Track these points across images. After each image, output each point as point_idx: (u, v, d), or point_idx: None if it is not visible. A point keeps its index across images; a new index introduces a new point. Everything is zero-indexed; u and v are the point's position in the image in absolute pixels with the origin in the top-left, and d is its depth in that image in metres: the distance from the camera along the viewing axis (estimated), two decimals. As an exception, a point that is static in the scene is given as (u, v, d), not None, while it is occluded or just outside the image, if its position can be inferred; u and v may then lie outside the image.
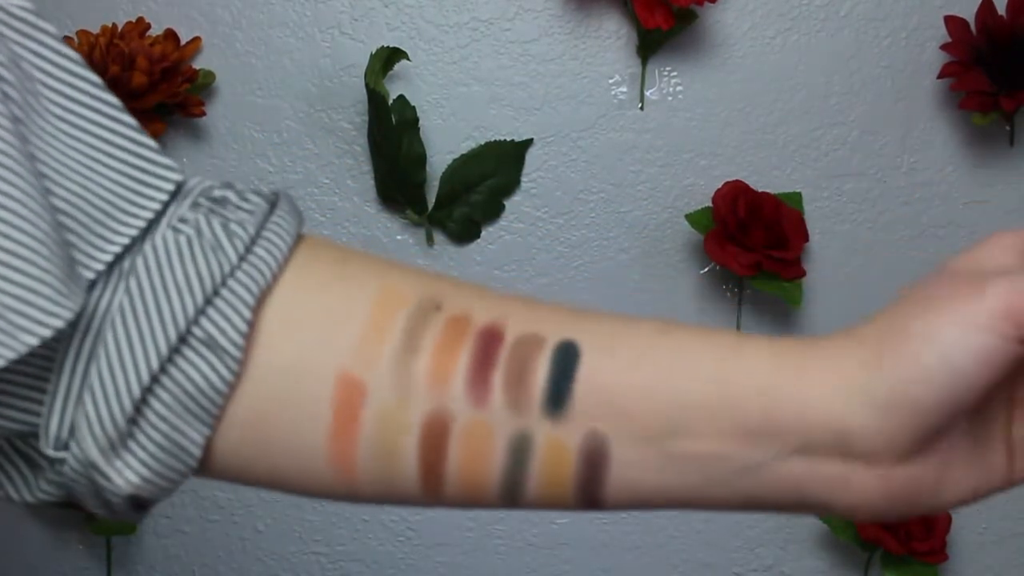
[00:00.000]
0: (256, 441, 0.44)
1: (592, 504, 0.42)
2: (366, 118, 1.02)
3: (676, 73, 1.04)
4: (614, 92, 1.04)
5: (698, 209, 1.02)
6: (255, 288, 0.43)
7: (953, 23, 1.00)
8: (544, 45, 1.04)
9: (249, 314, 0.42)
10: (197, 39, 1.02)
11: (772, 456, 0.40)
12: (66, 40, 0.55)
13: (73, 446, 0.42)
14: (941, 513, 1.02)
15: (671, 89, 1.04)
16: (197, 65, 1.02)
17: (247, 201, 0.45)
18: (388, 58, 1.00)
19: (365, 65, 1.00)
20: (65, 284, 0.40)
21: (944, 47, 1.00)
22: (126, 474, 0.42)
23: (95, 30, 1.00)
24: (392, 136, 1.00)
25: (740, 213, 0.99)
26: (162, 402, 0.42)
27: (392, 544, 1.08)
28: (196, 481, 0.46)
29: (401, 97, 1.01)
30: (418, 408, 0.42)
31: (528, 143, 1.04)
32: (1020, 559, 1.09)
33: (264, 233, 0.44)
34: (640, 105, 1.04)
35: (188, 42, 1.02)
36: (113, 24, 1.00)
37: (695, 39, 1.03)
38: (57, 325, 0.39)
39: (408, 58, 1.01)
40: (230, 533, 1.09)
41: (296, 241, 0.45)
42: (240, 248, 0.43)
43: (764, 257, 0.99)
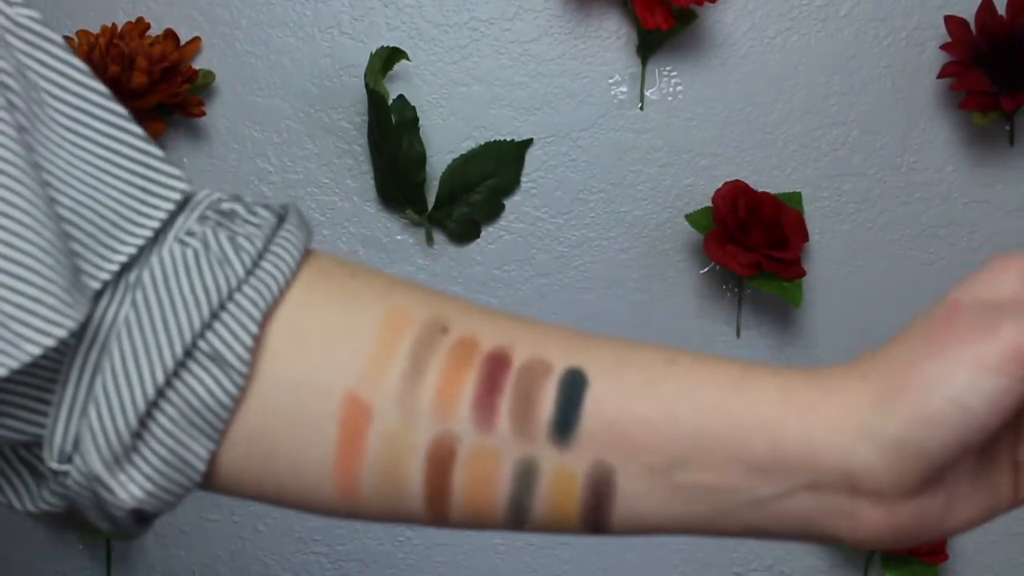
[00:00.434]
0: (260, 457, 0.44)
1: (597, 531, 0.42)
2: (366, 118, 1.02)
3: (676, 73, 1.04)
4: (614, 92, 1.04)
5: (698, 209, 1.02)
6: (262, 303, 0.42)
7: (953, 23, 0.99)
8: (544, 45, 1.03)
9: (256, 329, 0.42)
10: (197, 39, 1.02)
11: (780, 491, 0.40)
12: (66, 40, 0.54)
13: (77, 459, 0.42)
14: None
15: (671, 89, 1.04)
16: (197, 65, 1.02)
17: (255, 215, 0.45)
18: (388, 58, 1.00)
19: (365, 65, 0.99)
20: (69, 293, 0.39)
21: (944, 47, 1.00)
22: (130, 488, 0.42)
23: (95, 30, 0.99)
24: (392, 136, 1.00)
25: (740, 213, 0.99)
26: (167, 416, 0.42)
27: (392, 544, 1.08)
28: (197, 483, 0.45)
29: (401, 97, 1.01)
30: (424, 431, 0.42)
31: (528, 143, 1.04)
32: (1020, 559, 1.09)
33: (272, 248, 0.44)
34: (640, 105, 1.04)
35: (188, 42, 1.01)
36: (113, 24, 1.00)
37: (695, 39, 1.03)
38: (60, 335, 0.39)
39: (408, 58, 1.01)
40: (230, 533, 1.09)
41: (304, 256, 0.45)
42: (247, 262, 0.43)
43: (764, 257, 0.99)
